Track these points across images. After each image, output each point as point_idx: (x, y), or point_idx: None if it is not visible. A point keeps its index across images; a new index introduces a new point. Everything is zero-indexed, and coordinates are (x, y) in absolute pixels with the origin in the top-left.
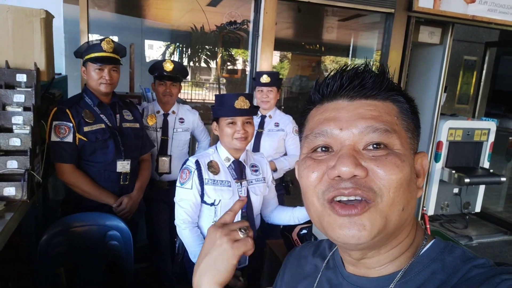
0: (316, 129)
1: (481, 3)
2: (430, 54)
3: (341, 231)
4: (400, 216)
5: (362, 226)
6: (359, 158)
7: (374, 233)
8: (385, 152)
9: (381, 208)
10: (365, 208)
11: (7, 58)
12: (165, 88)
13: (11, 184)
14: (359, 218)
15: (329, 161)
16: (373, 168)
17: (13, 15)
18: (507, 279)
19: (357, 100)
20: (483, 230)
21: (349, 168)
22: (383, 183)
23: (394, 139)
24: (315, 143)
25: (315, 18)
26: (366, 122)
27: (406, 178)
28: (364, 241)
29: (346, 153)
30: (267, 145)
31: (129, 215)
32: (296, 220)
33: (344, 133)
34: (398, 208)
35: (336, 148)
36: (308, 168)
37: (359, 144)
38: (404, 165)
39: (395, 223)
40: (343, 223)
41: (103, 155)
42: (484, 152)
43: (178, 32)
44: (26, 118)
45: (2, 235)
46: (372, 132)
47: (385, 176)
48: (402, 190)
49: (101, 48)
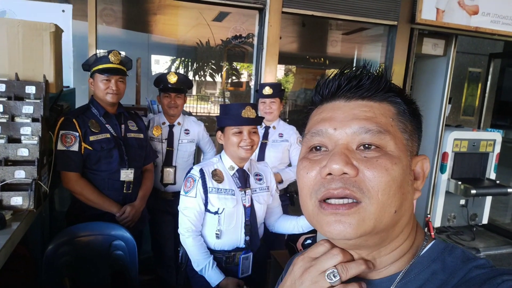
0: (313, 128)
1: (484, 15)
2: (434, 65)
3: (329, 228)
4: (392, 218)
5: (348, 224)
6: (351, 158)
7: (360, 232)
8: (377, 153)
9: (371, 209)
10: (351, 207)
11: (17, 70)
12: (170, 100)
13: (19, 193)
14: (346, 217)
15: (323, 161)
16: (363, 169)
17: (24, 29)
18: (508, 279)
19: (353, 100)
20: (490, 242)
21: (339, 166)
22: (372, 185)
23: (387, 141)
24: (312, 142)
25: (319, 32)
26: (359, 123)
27: (396, 180)
28: (350, 237)
29: (338, 152)
30: (272, 156)
31: (131, 223)
32: (300, 229)
33: (338, 133)
34: (390, 210)
35: (331, 147)
36: (304, 169)
37: (352, 144)
38: (395, 168)
39: (386, 225)
40: (329, 221)
41: (107, 164)
42: (490, 163)
43: (184, 47)
44: (35, 129)
45: (8, 244)
46: (365, 133)
47: (373, 178)
48: (392, 193)
49: (108, 60)
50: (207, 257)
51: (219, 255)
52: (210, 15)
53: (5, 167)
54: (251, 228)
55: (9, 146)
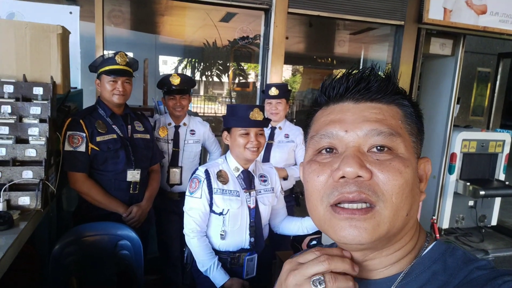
0: (322, 130)
1: (492, 14)
2: (442, 65)
3: (343, 233)
4: (404, 221)
5: (363, 229)
6: (364, 160)
7: (375, 237)
8: (389, 156)
9: (385, 213)
10: (367, 212)
11: (25, 72)
12: (176, 102)
13: (26, 193)
14: (361, 222)
15: (333, 163)
16: (376, 172)
17: (31, 30)
18: (509, 280)
19: (362, 102)
20: (499, 244)
21: (353, 169)
22: (386, 189)
23: (399, 143)
24: (320, 144)
25: (326, 32)
26: (371, 125)
27: (408, 183)
28: (365, 242)
29: (351, 154)
30: (277, 156)
31: (137, 224)
32: (305, 230)
33: (349, 135)
34: (402, 213)
35: (341, 149)
36: (313, 172)
37: (364, 146)
38: (407, 170)
39: (398, 227)
40: (344, 226)
41: (114, 165)
42: (499, 164)
43: (191, 47)
44: (42, 130)
45: (16, 243)
46: (377, 135)
47: (388, 181)
48: (405, 196)
49: (115, 61)
50: (212, 257)
51: (224, 256)
52: (217, 16)
53: (13, 168)
54: (256, 229)
55: (17, 147)
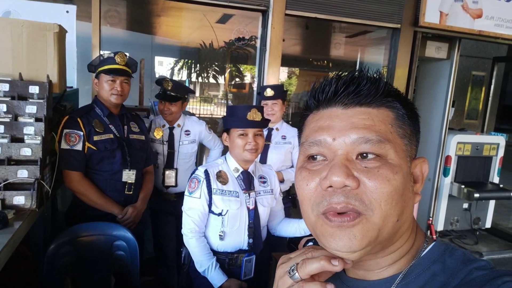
0: (311, 137)
1: (487, 18)
2: (438, 68)
3: (333, 240)
4: (394, 226)
5: (353, 236)
6: (352, 168)
7: (364, 244)
8: (377, 163)
9: (374, 220)
10: (356, 218)
11: (21, 70)
12: (164, 107)
13: (21, 193)
14: (351, 229)
15: (322, 171)
16: (364, 180)
17: (28, 29)
18: (508, 281)
19: (351, 108)
20: (494, 246)
21: (340, 178)
22: (374, 197)
23: (388, 149)
24: (309, 151)
25: (323, 34)
26: (359, 132)
27: (398, 190)
28: (355, 249)
29: (338, 163)
30: (274, 157)
31: (132, 225)
32: (302, 232)
33: (336, 143)
34: (392, 220)
35: (330, 157)
36: (303, 180)
37: (352, 153)
38: (396, 177)
39: (389, 233)
40: (334, 233)
41: (110, 165)
42: (493, 167)
43: (187, 49)
44: (38, 129)
45: (10, 243)
46: (364, 142)
47: (375, 189)
48: (395, 202)
49: (114, 61)
50: (210, 258)
51: (222, 257)
52: (213, 17)
53: (8, 167)
54: (255, 230)
55: (12, 146)
